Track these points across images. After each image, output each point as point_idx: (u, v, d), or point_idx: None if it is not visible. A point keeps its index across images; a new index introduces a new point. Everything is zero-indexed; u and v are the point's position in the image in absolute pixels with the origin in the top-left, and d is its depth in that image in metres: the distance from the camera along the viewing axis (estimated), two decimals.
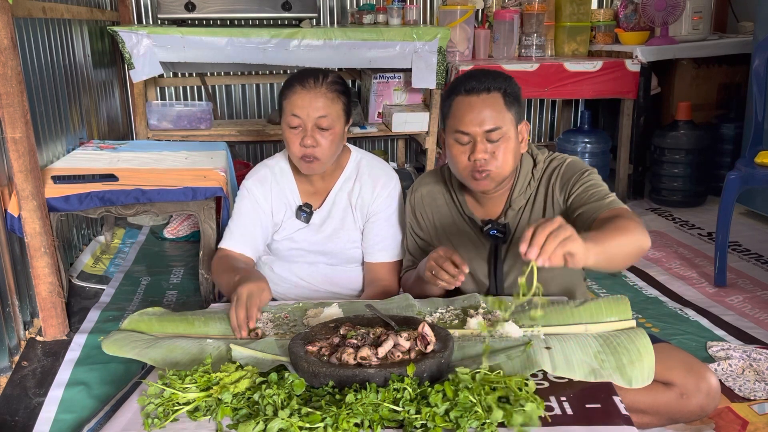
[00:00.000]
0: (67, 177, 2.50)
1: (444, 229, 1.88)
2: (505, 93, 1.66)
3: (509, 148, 1.67)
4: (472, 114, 1.65)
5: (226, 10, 3.90)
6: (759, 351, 2.22)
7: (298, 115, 1.80)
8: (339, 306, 1.63)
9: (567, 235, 1.25)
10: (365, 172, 1.98)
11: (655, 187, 4.14)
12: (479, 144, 1.65)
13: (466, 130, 1.66)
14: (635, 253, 1.49)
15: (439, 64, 3.73)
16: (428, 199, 1.90)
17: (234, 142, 3.99)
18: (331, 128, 1.82)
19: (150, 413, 1.22)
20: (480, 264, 1.84)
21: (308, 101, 1.80)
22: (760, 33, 3.40)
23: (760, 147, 2.97)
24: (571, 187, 1.72)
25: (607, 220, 1.52)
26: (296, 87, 1.82)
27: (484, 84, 1.65)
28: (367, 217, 1.98)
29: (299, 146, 1.82)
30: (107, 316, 2.55)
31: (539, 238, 1.24)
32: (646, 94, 3.96)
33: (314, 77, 1.82)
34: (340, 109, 1.85)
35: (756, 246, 3.33)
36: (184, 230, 3.57)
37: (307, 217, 1.96)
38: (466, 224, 1.86)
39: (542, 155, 1.82)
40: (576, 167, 1.75)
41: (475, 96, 1.65)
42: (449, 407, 1.15)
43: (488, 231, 1.77)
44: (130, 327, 1.58)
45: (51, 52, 2.89)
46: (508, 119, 1.66)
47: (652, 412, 1.59)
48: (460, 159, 1.69)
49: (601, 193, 1.66)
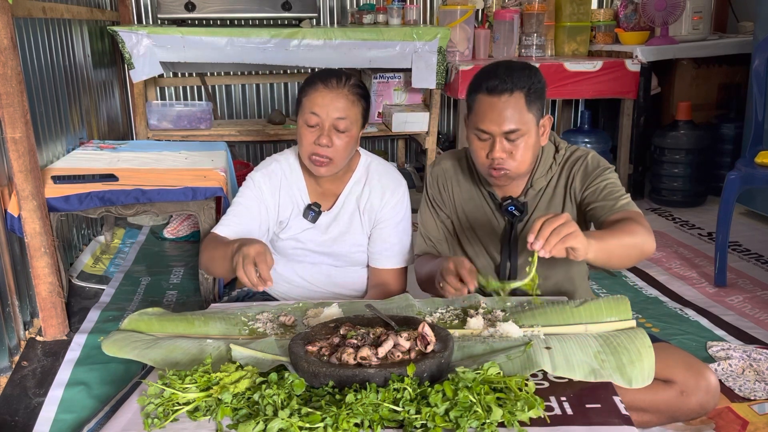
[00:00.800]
0: (67, 177, 2.50)
1: (462, 203, 1.91)
2: (529, 92, 1.66)
3: (528, 145, 1.69)
4: (492, 114, 1.66)
5: (226, 10, 3.91)
6: (759, 351, 2.23)
7: (317, 114, 1.80)
8: (339, 306, 1.63)
9: (570, 231, 1.36)
10: (375, 178, 1.97)
11: (655, 187, 4.14)
12: (498, 143, 1.67)
13: (486, 129, 1.68)
14: (636, 255, 1.58)
15: (439, 64, 3.73)
16: (451, 172, 1.93)
17: (234, 142, 3.99)
18: (347, 131, 1.82)
19: (150, 413, 1.22)
20: (494, 240, 1.88)
21: (329, 100, 1.80)
22: (760, 33, 3.40)
23: (760, 147, 2.97)
24: (591, 181, 1.76)
25: (617, 221, 1.61)
26: (318, 85, 1.82)
27: (507, 84, 1.65)
28: (374, 223, 1.97)
29: (313, 144, 1.81)
30: (107, 316, 2.55)
31: (545, 231, 1.36)
32: (646, 94, 3.96)
33: (337, 78, 1.83)
34: (359, 113, 1.85)
35: (756, 246, 3.33)
36: (184, 230, 3.57)
37: (315, 216, 1.94)
38: (484, 200, 1.88)
39: (563, 143, 1.86)
40: (599, 162, 1.79)
41: (496, 97, 1.66)
42: (449, 407, 1.15)
43: (506, 207, 1.80)
44: (130, 327, 1.58)
45: (51, 52, 2.89)
46: (528, 119, 1.67)
47: (652, 410, 1.59)
48: (480, 154, 1.72)
49: (617, 193, 1.71)
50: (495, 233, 1.88)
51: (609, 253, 1.50)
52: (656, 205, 4.12)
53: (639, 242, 1.55)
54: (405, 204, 1.99)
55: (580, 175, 1.79)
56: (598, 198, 1.72)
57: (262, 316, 1.62)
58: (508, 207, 1.80)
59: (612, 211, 1.67)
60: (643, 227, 1.58)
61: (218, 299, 2.65)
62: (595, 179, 1.75)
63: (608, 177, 1.75)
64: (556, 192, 1.82)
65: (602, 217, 1.68)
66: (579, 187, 1.78)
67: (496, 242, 1.88)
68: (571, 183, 1.80)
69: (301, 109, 1.84)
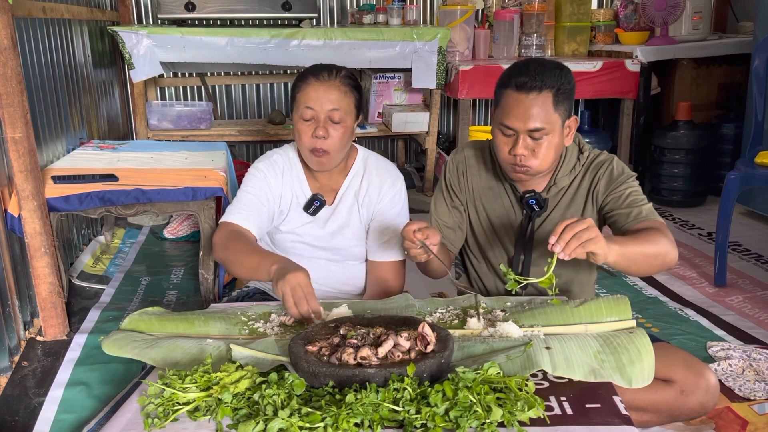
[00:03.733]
0: (67, 177, 2.50)
1: (481, 193, 1.90)
2: (557, 92, 1.65)
3: (552, 145, 1.69)
4: (518, 110, 1.65)
5: (226, 10, 3.91)
6: (759, 351, 2.23)
7: (311, 107, 1.83)
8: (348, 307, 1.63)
9: (591, 236, 1.40)
10: (373, 171, 1.99)
11: (655, 187, 4.14)
12: (521, 140, 1.67)
13: (511, 125, 1.67)
14: (658, 265, 1.62)
15: (439, 64, 3.73)
16: (472, 160, 1.92)
17: (234, 142, 3.99)
18: (342, 122, 1.84)
19: (150, 413, 1.22)
20: (509, 233, 1.88)
21: (322, 93, 1.82)
22: (760, 33, 3.40)
23: (760, 147, 2.97)
24: (615, 187, 1.76)
25: (640, 230, 1.64)
26: (310, 79, 1.85)
27: (537, 82, 1.64)
28: (372, 216, 1.98)
29: (311, 138, 1.83)
30: (107, 316, 2.55)
31: (566, 235, 1.39)
32: (646, 94, 3.97)
33: (328, 71, 1.86)
34: (352, 104, 1.88)
35: (756, 246, 3.33)
36: (184, 230, 3.57)
37: (318, 208, 1.94)
38: (504, 191, 1.87)
39: (587, 146, 1.86)
40: (623, 169, 1.79)
41: (524, 94, 1.65)
42: (449, 407, 1.15)
43: (528, 200, 1.80)
44: (130, 327, 1.58)
45: (51, 52, 2.89)
46: (554, 119, 1.66)
47: (652, 409, 1.59)
48: (502, 149, 1.72)
49: (641, 201, 1.73)
50: (511, 226, 1.87)
51: (629, 259, 1.53)
52: (656, 205, 4.06)
53: (662, 252, 1.59)
54: (403, 197, 2.01)
55: (604, 180, 1.78)
56: (621, 205, 1.73)
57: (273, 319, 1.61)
58: (529, 200, 1.80)
59: (637, 220, 1.68)
60: (667, 238, 1.61)
61: (218, 299, 2.64)
62: (620, 185, 1.76)
63: (632, 184, 1.76)
64: (578, 192, 1.82)
65: (625, 225, 1.69)
66: (602, 191, 1.78)
67: (512, 235, 1.87)
68: (595, 186, 1.79)
69: (296, 105, 1.87)
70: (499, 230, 1.89)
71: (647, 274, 1.73)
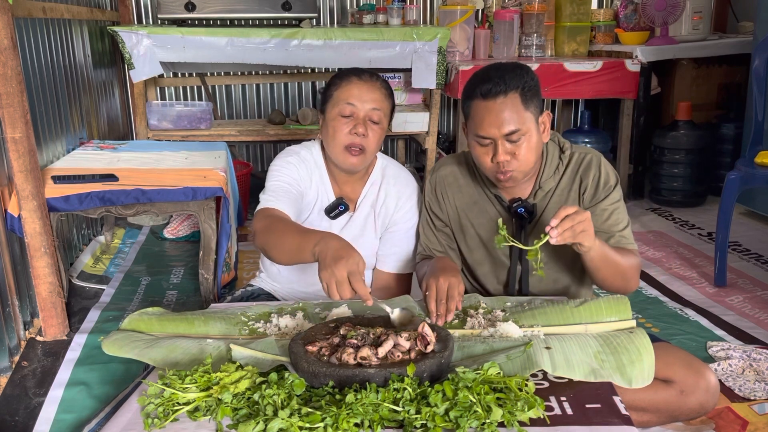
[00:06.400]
0: (67, 177, 2.50)
1: (464, 209, 1.88)
2: (524, 90, 1.65)
3: (530, 145, 1.68)
4: (490, 117, 1.65)
5: (226, 10, 3.91)
6: (759, 351, 2.23)
7: (353, 104, 1.83)
8: (348, 307, 1.63)
9: (585, 228, 1.51)
10: (391, 181, 1.98)
11: (655, 187, 4.14)
12: (500, 146, 1.66)
13: (486, 134, 1.66)
14: (621, 282, 1.71)
15: (439, 64, 3.73)
16: (450, 178, 1.91)
17: (234, 142, 3.99)
18: (380, 123, 1.86)
19: (150, 413, 1.22)
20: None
21: (365, 91, 1.84)
22: (760, 33, 3.40)
23: (760, 147, 2.97)
24: (600, 200, 1.77)
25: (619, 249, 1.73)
26: (352, 78, 1.86)
27: (501, 86, 1.63)
28: (386, 226, 1.97)
29: (348, 134, 1.82)
30: (107, 316, 2.55)
31: (566, 223, 1.48)
32: (646, 94, 3.96)
33: (369, 73, 1.89)
34: (389, 108, 1.90)
35: (756, 246, 3.33)
36: (184, 230, 3.57)
37: (340, 213, 1.92)
38: (490, 203, 1.85)
39: (567, 143, 1.85)
40: (609, 175, 1.79)
41: (492, 100, 1.64)
42: (449, 407, 1.15)
43: (516, 208, 1.78)
44: (130, 327, 1.58)
45: (51, 52, 2.89)
46: (527, 118, 1.66)
47: (652, 409, 1.59)
48: (484, 159, 1.71)
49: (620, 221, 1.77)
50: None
51: (605, 262, 1.64)
52: (656, 205, 4.12)
53: (630, 275, 1.71)
54: (417, 210, 2.00)
55: (591, 189, 1.78)
56: (602, 222, 1.74)
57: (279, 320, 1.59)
58: (517, 209, 1.78)
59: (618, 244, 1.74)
60: (637, 266, 1.73)
61: (218, 299, 2.64)
62: (604, 199, 1.76)
63: (615, 197, 1.77)
64: (570, 195, 1.80)
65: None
66: (588, 200, 1.78)
67: (505, 247, 1.84)
68: (583, 192, 1.79)
69: (333, 101, 1.85)
70: (489, 243, 1.85)
71: (606, 285, 1.72)
